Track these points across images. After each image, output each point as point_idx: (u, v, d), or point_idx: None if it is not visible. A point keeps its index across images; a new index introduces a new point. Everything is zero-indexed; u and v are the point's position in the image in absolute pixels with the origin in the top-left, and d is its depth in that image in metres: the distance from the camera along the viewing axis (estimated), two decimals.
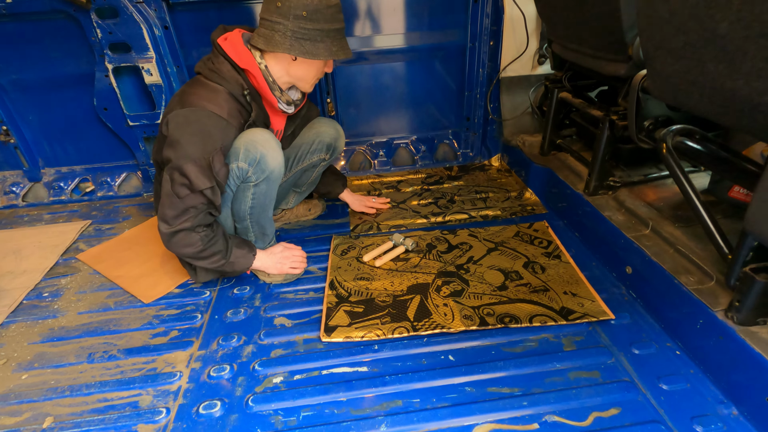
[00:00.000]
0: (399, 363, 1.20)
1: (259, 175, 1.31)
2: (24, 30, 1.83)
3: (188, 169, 1.18)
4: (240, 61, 1.27)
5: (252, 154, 1.27)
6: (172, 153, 1.20)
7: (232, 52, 1.27)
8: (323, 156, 1.67)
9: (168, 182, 1.21)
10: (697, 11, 0.86)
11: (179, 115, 1.21)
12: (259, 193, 1.37)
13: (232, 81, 1.27)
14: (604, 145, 1.49)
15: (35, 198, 2.17)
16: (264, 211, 1.44)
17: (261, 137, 1.28)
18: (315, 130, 1.64)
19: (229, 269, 1.38)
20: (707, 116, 0.98)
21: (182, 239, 1.26)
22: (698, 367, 1.12)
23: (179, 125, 1.20)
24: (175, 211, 1.22)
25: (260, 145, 1.27)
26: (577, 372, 1.14)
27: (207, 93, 1.24)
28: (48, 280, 1.61)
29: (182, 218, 1.23)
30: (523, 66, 2.07)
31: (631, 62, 1.29)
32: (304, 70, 1.31)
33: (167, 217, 1.23)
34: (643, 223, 1.40)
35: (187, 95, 1.24)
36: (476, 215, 1.85)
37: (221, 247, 1.32)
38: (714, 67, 0.87)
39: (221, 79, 1.26)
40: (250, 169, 1.29)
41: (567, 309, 1.32)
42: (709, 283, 1.14)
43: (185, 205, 1.21)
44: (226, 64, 1.27)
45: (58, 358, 1.28)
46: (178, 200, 1.21)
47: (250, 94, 1.31)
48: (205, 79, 1.27)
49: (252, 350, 1.27)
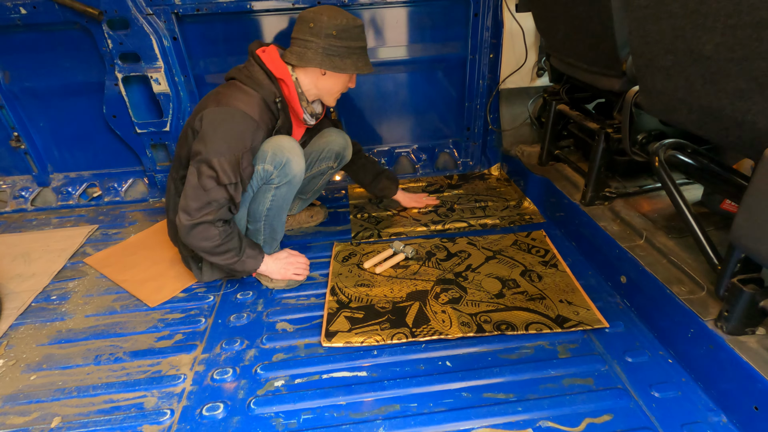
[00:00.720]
0: (397, 368, 1.23)
1: (282, 179, 1.39)
2: (38, 40, 1.89)
3: (217, 162, 1.23)
4: (276, 71, 1.37)
5: (279, 158, 1.35)
6: (202, 147, 1.25)
7: (269, 63, 1.38)
8: (331, 164, 1.73)
9: (194, 175, 1.26)
10: (684, 33, 0.90)
11: (214, 112, 1.28)
12: (278, 196, 1.44)
13: (267, 88, 1.36)
14: (599, 157, 1.53)
15: (44, 202, 2.22)
16: (279, 215, 1.51)
17: (288, 144, 1.38)
18: (325, 138, 1.70)
19: (239, 268, 1.40)
20: (696, 132, 1.02)
21: (202, 232, 1.28)
22: (689, 375, 1.15)
23: (213, 122, 1.27)
24: (199, 203, 1.26)
25: (287, 150, 1.36)
26: (571, 379, 1.17)
27: (242, 96, 1.32)
28: (56, 284, 1.65)
29: (204, 210, 1.27)
30: (522, 78, 2.11)
31: (625, 77, 1.33)
32: (331, 84, 1.42)
33: (190, 208, 1.27)
34: (638, 234, 1.43)
35: (223, 96, 1.31)
36: (475, 224, 1.89)
37: (236, 244, 1.36)
38: (701, 86, 0.91)
39: (256, 85, 1.35)
40: (275, 171, 1.37)
41: (562, 317, 1.35)
42: (700, 293, 1.17)
43: (209, 198, 1.26)
44: (262, 73, 1.37)
45: (66, 359, 1.32)
46: (203, 192, 1.25)
47: (281, 102, 1.40)
48: (241, 84, 1.36)
49: (254, 354, 1.30)
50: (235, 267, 1.39)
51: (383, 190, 1.91)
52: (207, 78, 2.06)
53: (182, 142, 1.40)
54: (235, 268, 1.40)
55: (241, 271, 1.43)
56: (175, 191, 1.47)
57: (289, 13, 1.95)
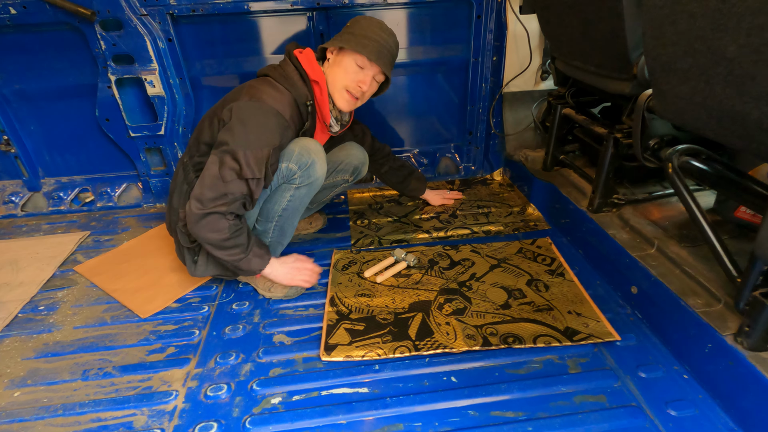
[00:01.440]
0: (400, 384, 1.17)
1: (304, 180, 1.37)
2: (28, 41, 1.84)
3: (242, 155, 1.20)
4: (312, 73, 1.38)
5: (304, 158, 1.33)
6: (230, 137, 1.22)
7: (306, 64, 1.38)
8: (347, 177, 1.72)
9: (216, 164, 1.22)
10: (704, 34, 0.85)
11: (246, 105, 1.25)
12: (296, 197, 1.41)
13: (300, 90, 1.36)
14: (608, 162, 1.48)
15: (34, 208, 2.16)
16: (293, 217, 1.48)
17: (314, 146, 1.36)
18: (345, 151, 1.68)
19: (244, 267, 1.34)
20: (714, 138, 0.97)
21: (211, 223, 1.23)
22: (707, 392, 1.09)
23: (244, 115, 1.24)
24: (215, 194, 1.21)
25: (313, 152, 1.35)
26: (582, 396, 1.11)
27: (275, 93, 1.30)
28: (44, 293, 1.59)
29: (219, 201, 1.22)
30: (526, 81, 2.07)
31: (636, 81, 1.29)
32: (334, 71, 1.40)
33: (204, 197, 1.22)
34: (649, 243, 1.38)
35: (256, 90, 1.29)
36: (479, 230, 1.84)
37: (244, 241, 1.30)
38: (722, 89, 0.87)
39: (290, 85, 1.34)
40: (298, 171, 1.35)
41: (571, 329, 1.29)
42: (716, 306, 1.12)
43: (227, 190, 1.21)
44: (296, 74, 1.37)
45: (52, 374, 1.25)
46: (222, 183, 1.21)
47: (312, 105, 1.39)
48: (275, 81, 1.34)
49: (250, 369, 1.24)
50: (239, 265, 1.33)
51: (412, 191, 1.94)
52: (203, 80, 2.01)
53: (203, 128, 1.37)
54: (240, 266, 1.33)
55: (246, 270, 1.36)
56: (184, 176, 1.42)
57: (287, 15, 1.90)
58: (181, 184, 1.42)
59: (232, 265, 1.33)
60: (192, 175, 1.39)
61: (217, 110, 1.33)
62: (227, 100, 1.33)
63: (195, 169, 1.39)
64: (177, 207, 1.43)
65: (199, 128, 1.40)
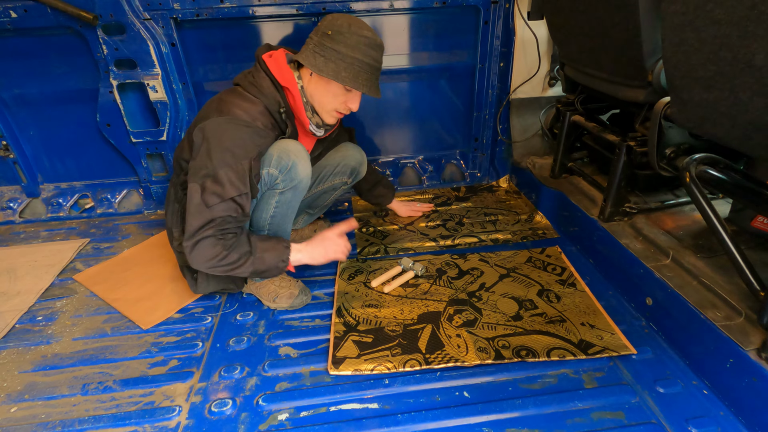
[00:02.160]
0: (411, 399, 1.14)
1: (287, 183, 1.30)
2: (28, 45, 1.81)
3: (223, 174, 1.15)
4: (282, 78, 1.29)
5: (284, 161, 1.27)
6: (207, 161, 1.17)
7: (275, 69, 1.29)
8: (345, 179, 1.67)
9: (198, 192, 1.16)
10: (730, 41, 0.83)
11: (216, 123, 1.19)
12: (283, 202, 1.35)
13: (271, 97, 1.28)
14: (620, 171, 1.45)
15: (33, 214, 2.12)
16: (283, 222, 1.41)
17: (294, 147, 1.30)
18: (342, 153, 1.64)
19: (262, 267, 1.24)
20: (738, 147, 0.95)
21: (203, 249, 1.18)
22: (728, 408, 1.06)
23: (216, 133, 1.19)
24: (201, 221, 1.16)
25: (293, 154, 1.28)
26: (600, 412, 1.08)
27: (245, 104, 1.24)
28: (42, 303, 1.55)
29: (206, 227, 1.17)
30: (534, 88, 2.05)
31: (651, 88, 1.26)
32: (319, 92, 1.32)
33: (191, 228, 1.17)
34: (663, 253, 1.35)
35: (225, 104, 1.23)
36: (486, 239, 1.80)
37: (245, 246, 1.22)
38: (748, 98, 0.84)
39: (260, 93, 1.27)
40: (280, 176, 1.28)
41: (586, 342, 1.26)
42: (737, 320, 1.09)
43: (212, 215, 1.16)
44: (266, 80, 1.29)
45: (50, 388, 1.21)
46: (206, 210, 1.16)
47: (286, 112, 1.32)
48: (244, 91, 1.28)
49: (256, 383, 1.20)
50: (258, 268, 1.23)
51: (378, 197, 1.86)
52: (206, 86, 1.98)
53: (183, 147, 1.32)
54: (259, 269, 1.24)
55: (269, 269, 1.25)
56: (175, 197, 1.39)
57: (292, 20, 1.88)
58: (173, 203, 1.39)
59: (254, 274, 1.25)
60: (181, 194, 1.36)
61: (191, 130, 1.28)
62: (200, 117, 1.27)
63: (183, 188, 1.34)
64: (170, 226, 1.41)
65: (180, 147, 1.35)
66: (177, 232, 1.38)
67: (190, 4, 1.76)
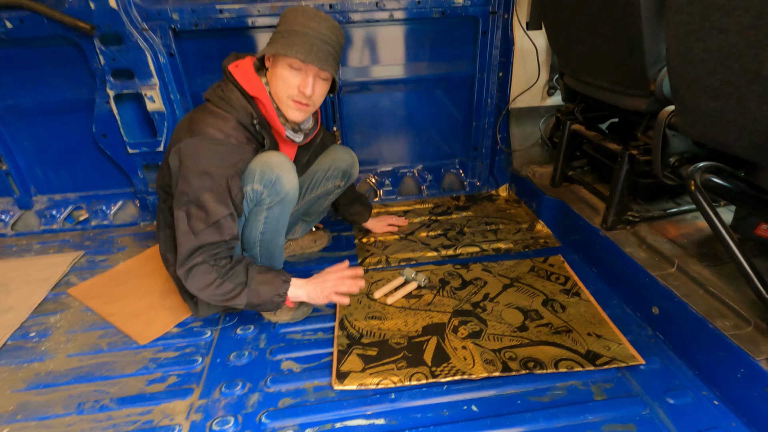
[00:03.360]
0: (419, 414, 1.11)
1: (274, 198, 1.25)
2: (23, 55, 1.78)
3: (206, 198, 1.12)
4: (250, 88, 1.23)
5: (267, 175, 1.22)
6: (186, 186, 1.14)
7: (242, 80, 1.23)
8: (338, 183, 1.63)
9: (183, 219, 1.14)
10: (737, 50, 0.83)
11: (189, 145, 1.16)
12: (271, 217, 1.30)
13: (241, 109, 1.23)
14: (623, 179, 1.45)
15: (25, 227, 2.07)
16: (275, 238, 1.36)
17: (276, 159, 1.24)
18: (331, 156, 1.61)
19: (255, 300, 1.21)
20: (745, 155, 0.95)
21: (197, 276, 1.16)
22: (740, 419, 1.05)
23: (190, 155, 1.15)
24: (190, 248, 1.14)
25: (276, 167, 1.22)
26: (611, 425, 1.06)
27: (216, 121, 1.19)
28: (35, 318, 1.51)
29: (195, 254, 1.15)
30: (533, 97, 2.06)
31: (653, 97, 1.27)
32: (273, 83, 1.24)
33: (182, 256, 1.15)
34: (668, 261, 1.34)
35: (196, 123, 1.19)
36: (488, 248, 1.79)
37: (241, 276, 1.20)
38: (756, 107, 0.84)
39: (230, 107, 1.22)
40: (265, 191, 1.23)
41: (593, 353, 1.24)
42: (746, 329, 1.08)
43: (200, 242, 1.14)
44: (235, 92, 1.23)
45: (44, 408, 1.17)
46: (193, 237, 1.14)
47: (260, 123, 1.27)
48: (214, 107, 1.23)
49: (258, 399, 1.17)
50: (252, 300, 1.20)
51: (355, 215, 1.84)
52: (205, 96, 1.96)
53: (162, 173, 1.29)
54: (253, 301, 1.21)
55: (263, 303, 1.22)
56: (165, 222, 1.36)
57: None
58: (164, 229, 1.37)
59: (250, 307, 1.22)
60: (170, 219, 1.33)
61: (167, 154, 1.24)
62: (172, 139, 1.24)
63: (171, 213, 1.32)
64: (164, 252, 1.39)
65: (160, 172, 1.32)
66: (172, 257, 1.35)
67: (189, 14, 1.75)
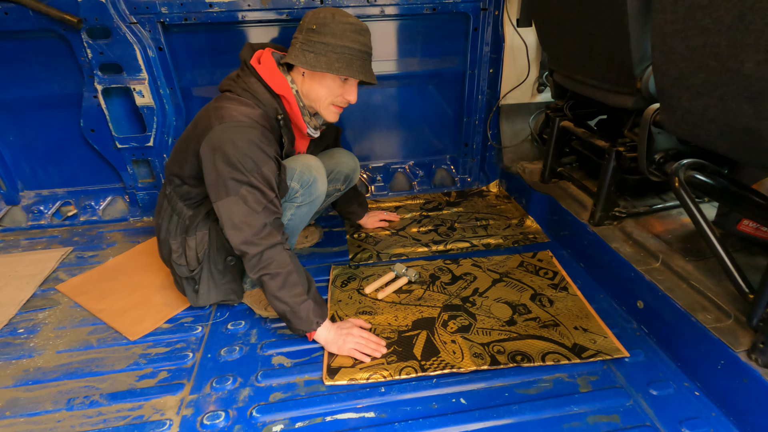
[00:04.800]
0: (408, 407, 1.13)
1: (306, 198, 1.32)
2: (8, 48, 1.75)
3: (256, 179, 1.13)
4: (276, 86, 1.26)
5: (306, 176, 1.28)
6: (234, 172, 1.12)
7: (267, 76, 1.25)
8: (339, 186, 1.66)
9: (239, 202, 1.13)
10: (719, 50, 0.85)
11: (223, 129, 1.14)
12: (298, 215, 1.36)
13: (268, 104, 1.25)
14: (610, 175, 1.47)
15: (12, 222, 2.05)
16: (293, 235, 1.42)
17: (315, 163, 1.31)
18: (335, 160, 1.61)
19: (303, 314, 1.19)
20: (726, 153, 0.97)
21: (272, 258, 1.15)
22: (719, 409, 1.08)
23: (228, 140, 1.13)
24: (255, 228, 1.14)
25: (314, 170, 1.30)
26: (595, 416, 1.08)
27: (244, 108, 1.20)
28: (24, 314, 1.49)
29: (263, 233, 1.15)
30: (523, 94, 2.07)
31: (639, 95, 1.29)
32: (315, 90, 1.28)
33: (248, 239, 1.14)
34: (653, 256, 1.37)
35: (224, 110, 1.18)
36: (478, 243, 1.81)
37: (304, 279, 1.20)
38: (737, 105, 0.86)
39: (256, 100, 1.24)
40: (300, 189, 1.30)
41: (579, 346, 1.27)
42: (727, 322, 1.11)
43: (266, 220, 1.15)
44: (260, 87, 1.25)
45: (33, 404, 1.17)
46: (255, 215, 1.14)
47: (284, 119, 1.29)
48: (239, 96, 1.24)
49: (249, 394, 1.18)
50: (299, 310, 1.18)
51: (350, 213, 1.87)
52: (194, 90, 1.95)
53: (180, 161, 1.28)
54: (299, 313, 1.19)
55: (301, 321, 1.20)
56: (171, 207, 1.35)
57: (282, 25, 1.86)
58: (170, 216, 1.35)
59: (285, 315, 1.20)
60: (180, 204, 1.33)
61: (190, 144, 1.23)
62: (200, 130, 1.20)
63: (183, 199, 1.32)
64: (167, 239, 1.36)
65: (173, 160, 1.31)
66: (176, 244, 1.34)
67: (178, 8, 1.73)
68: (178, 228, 1.34)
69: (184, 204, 1.33)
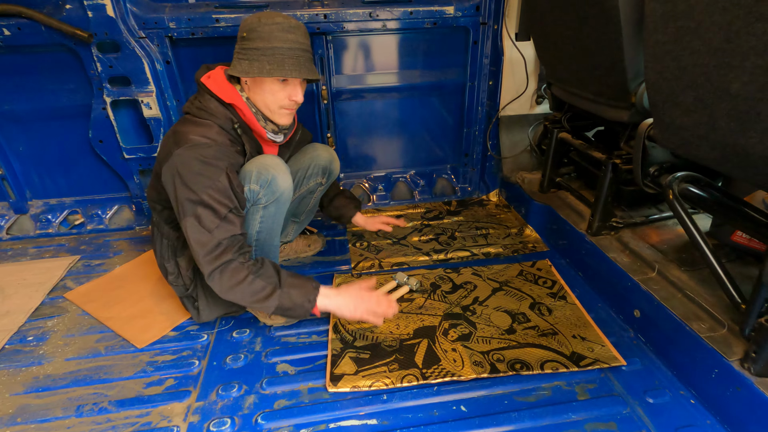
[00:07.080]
0: (410, 414, 1.15)
1: (270, 197, 1.30)
2: (21, 62, 1.80)
3: (207, 197, 1.15)
4: (225, 96, 1.28)
5: (264, 176, 1.27)
6: (187, 192, 1.16)
7: (216, 89, 1.28)
8: (320, 180, 1.64)
9: (194, 225, 1.16)
10: (708, 70, 0.89)
11: (179, 155, 1.19)
12: (267, 216, 1.35)
13: (221, 116, 1.27)
14: (607, 187, 1.51)
15: (20, 231, 2.08)
16: (271, 237, 1.40)
17: (272, 161, 1.31)
18: (309, 154, 1.61)
19: (288, 303, 1.20)
20: (716, 168, 1.00)
21: (228, 274, 1.17)
22: (714, 417, 1.10)
23: (183, 163, 1.18)
24: (209, 247, 1.16)
25: (271, 168, 1.29)
26: (593, 423, 1.11)
27: (199, 129, 1.23)
28: (33, 322, 1.53)
29: (217, 252, 1.17)
30: (522, 105, 2.11)
31: (634, 109, 1.33)
32: (259, 95, 1.29)
33: (204, 259, 1.16)
34: (649, 266, 1.40)
35: (180, 135, 1.22)
36: (478, 252, 1.84)
37: (273, 278, 1.20)
38: (726, 123, 0.90)
39: (210, 115, 1.26)
40: (261, 190, 1.28)
41: (577, 354, 1.30)
42: (721, 331, 1.14)
43: (217, 239, 1.16)
44: (212, 101, 1.28)
45: (43, 411, 1.19)
46: (209, 235, 1.16)
47: (241, 127, 1.31)
48: (194, 117, 1.27)
49: (254, 401, 1.20)
50: (283, 303, 1.20)
51: (339, 209, 1.75)
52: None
53: (154, 185, 1.33)
54: (284, 304, 1.20)
55: (294, 307, 1.21)
56: (159, 233, 1.40)
57: None
58: (160, 240, 1.41)
59: (280, 310, 1.21)
60: (166, 228, 1.38)
61: (158, 170, 1.27)
62: (160, 158, 1.27)
63: (167, 222, 1.37)
64: (162, 263, 1.42)
65: (151, 188, 1.37)
66: (171, 266, 1.39)
67: (186, 23, 1.78)
68: (169, 251, 1.39)
69: (169, 227, 1.37)
